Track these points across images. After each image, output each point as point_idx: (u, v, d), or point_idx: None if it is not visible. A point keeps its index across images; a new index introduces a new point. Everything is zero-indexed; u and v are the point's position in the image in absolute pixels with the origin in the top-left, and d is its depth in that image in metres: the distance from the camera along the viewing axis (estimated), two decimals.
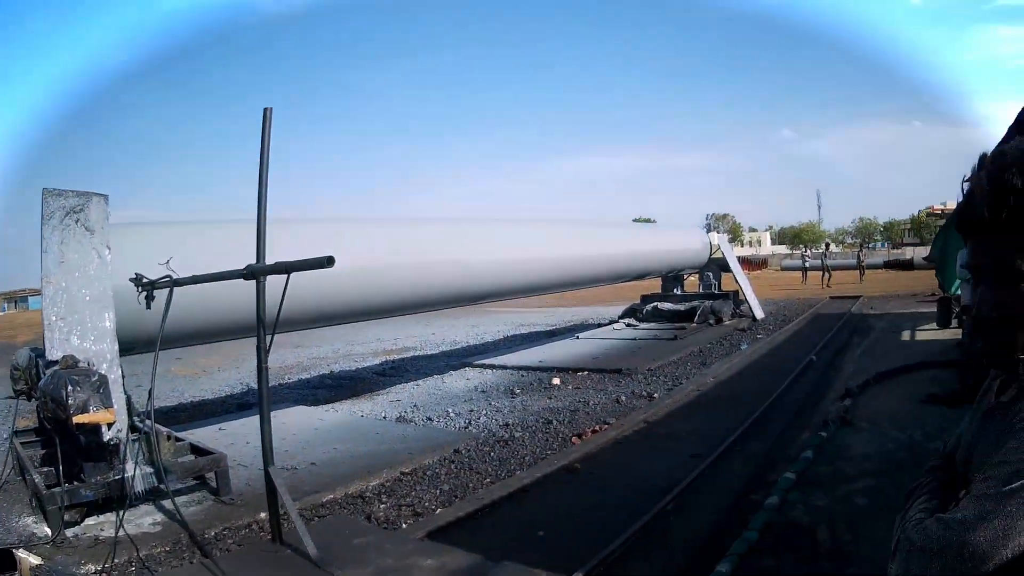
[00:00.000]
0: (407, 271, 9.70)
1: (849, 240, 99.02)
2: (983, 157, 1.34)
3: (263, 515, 5.57)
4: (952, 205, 14.81)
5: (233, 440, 8.18)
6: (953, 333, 13.81)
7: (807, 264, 41.02)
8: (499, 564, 4.77)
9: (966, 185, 1.36)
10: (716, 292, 20.59)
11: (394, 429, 8.91)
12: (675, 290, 20.99)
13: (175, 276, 5.42)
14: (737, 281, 20.41)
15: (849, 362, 12.30)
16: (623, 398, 10.20)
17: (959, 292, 12.72)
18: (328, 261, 4.38)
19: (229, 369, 14.83)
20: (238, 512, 5.95)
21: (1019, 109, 8.20)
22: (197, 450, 6.71)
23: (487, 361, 13.91)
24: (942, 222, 17.02)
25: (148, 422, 5.91)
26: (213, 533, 5.57)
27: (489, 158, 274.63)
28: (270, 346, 5.12)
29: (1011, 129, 8.37)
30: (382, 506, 6.18)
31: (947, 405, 8.09)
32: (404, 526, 5.67)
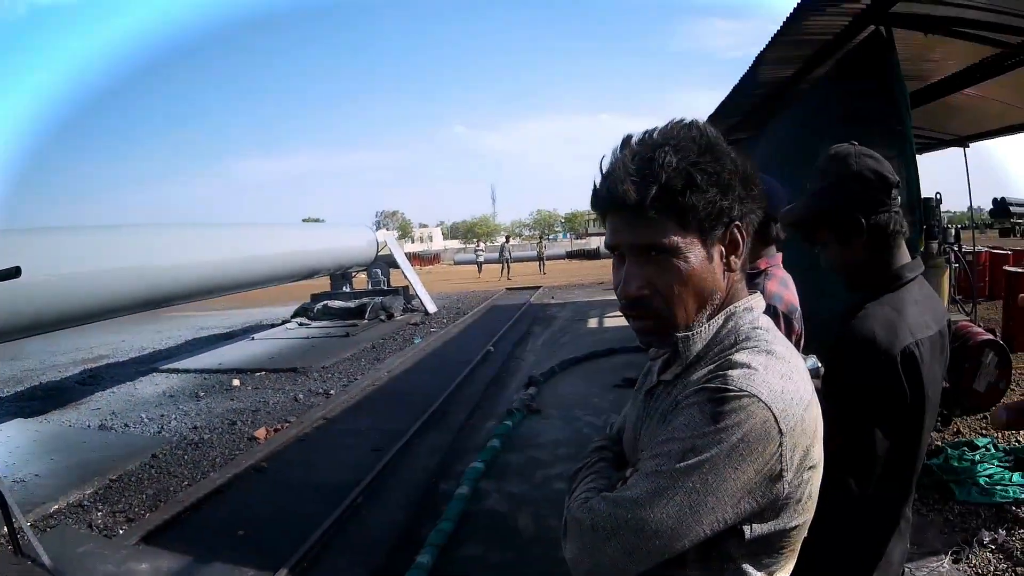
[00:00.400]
0: (97, 278, 9.51)
1: (527, 232, 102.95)
2: (627, 139, 1.36)
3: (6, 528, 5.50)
4: None
5: None
6: None
7: (480, 258, 40.48)
8: (209, 564, 4.93)
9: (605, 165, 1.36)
10: (386, 288, 20.76)
11: (98, 437, 8.83)
12: (344, 287, 20.84)
13: None
14: (406, 276, 20.62)
15: (530, 352, 12.62)
16: (301, 396, 10.24)
17: None
18: (16, 271, 4.62)
19: None
20: None
21: (722, 98, 8.69)
22: None
23: (172, 365, 13.58)
24: None
25: None
26: None
27: (176, 158, 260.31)
28: None
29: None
30: (99, 513, 6.17)
31: None
32: (120, 532, 5.71)
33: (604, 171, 1.34)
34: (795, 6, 5.05)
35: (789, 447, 1.20)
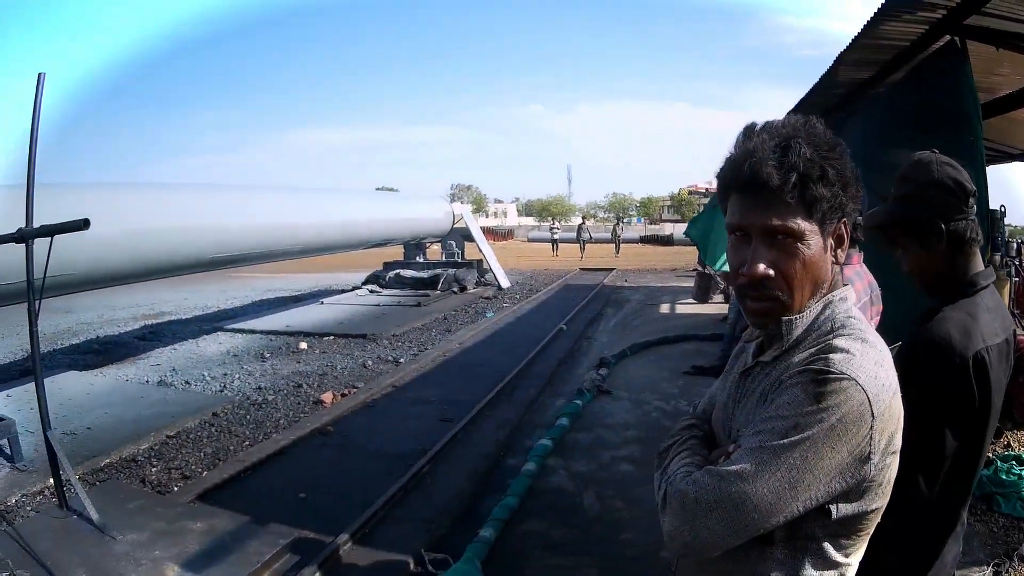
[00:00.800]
0: (165, 236, 9.51)
1: (602, 214, 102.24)
2: (752, 126, 1.41)
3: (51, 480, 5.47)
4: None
5: (20, 406, 7.71)
6: (717, 307, 14.00)
7: (556, 236, 39.65)
8: (266, 526, 4.83)
9: (735, 150, 1.41)
10: (460, 261, 20.66)
11: (156, 393, 8.71)
12: (417, 258, 20.83)
13: None
14: (481, 250, 20.49)
15: (602, 333, 12.45)
16: (369, 363, 10.17)
17: (724, 268, 12.88)
18: (85, 223, 4.62)
19: (10, 336, 13.75)
20: (31, 478, 5.83)
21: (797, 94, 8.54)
22: None
23: (238, 325, 13.64)
24: (705, 200, 17.57)
25: None
26: (13, 501, 5.48)
27: (232, 128, 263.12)
28: (39, 310, 5.09)
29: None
30: (154, 469, 6.13)
31: (713, 376, 8.21)
32: (175, 489, 5.65)
33: (741, 152, 1.38)
34: (875, 11, 4.95)
35: (878, 431, 1.27)
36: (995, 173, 13.36)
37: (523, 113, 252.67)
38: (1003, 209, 8.61)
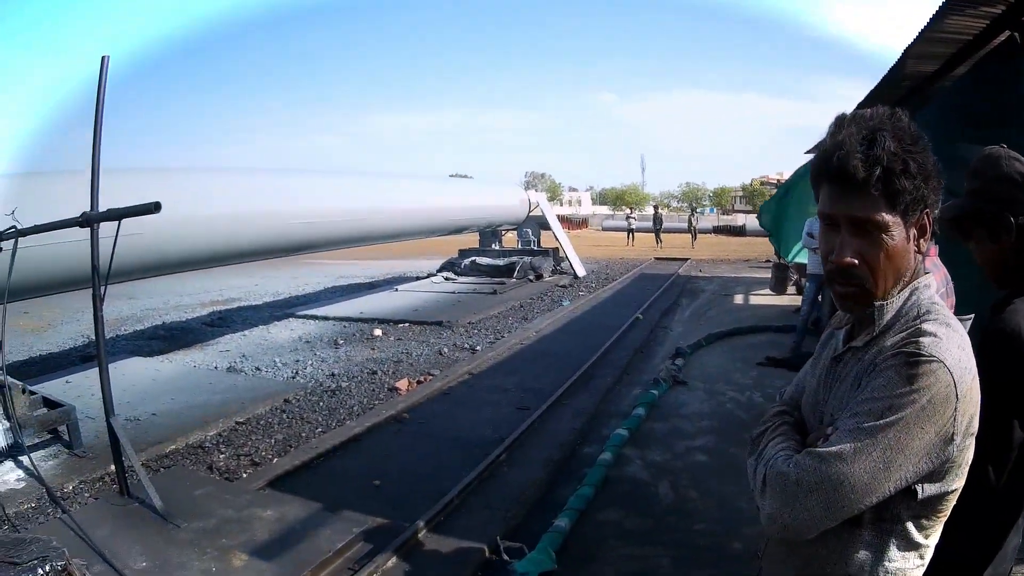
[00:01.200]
0: (236, 221, 9.54)
1: (675, 204, 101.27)
2: (843, 117, 1.45)
3: (113, 467, 5.37)
4: (787, 176, 15.27)
5: (80, 392, 7.79)
6: (790, 299, 14.07)
7: (633, 225, 38.66)
8: (338, 513, 4.81)
9: (826, 140, 1.45)
10: (535, 248, 20.73)
11: (226, 379, 8.77)
12: (493, 245, 20.98)
13: (20, 227, 5.12)
14: (557, 238, 20.48)
15: (678, 323, 12.42)
16: (445, 350, 10.23)
17: (797, 260, 12.87)
18: (155, 207, 4.47)
19: (70, 322, 14.11)
20: (90, 465, 5.87)
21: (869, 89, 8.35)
22: (49, 403, 6.45)
23: (310, 312, 13.82)
24: (775, 191, 17.43)
25: (2, 376, 5.54)
26: (71, 487, 5.52)
27: (304, 112, 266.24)
28: (104, 295, 5.01)
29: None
30: (222, 456, 6.18)
31: (786, 367, 8.23)
32: (244, 476, 5.67)
33: (831, 144, 1.42)
34: (939, 5, 4.95)
35: (962, 412, 1.32)
36: None
37: (595, 101, 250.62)
38: None
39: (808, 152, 14.72)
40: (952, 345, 1.35)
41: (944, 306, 1.47)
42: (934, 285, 1.53)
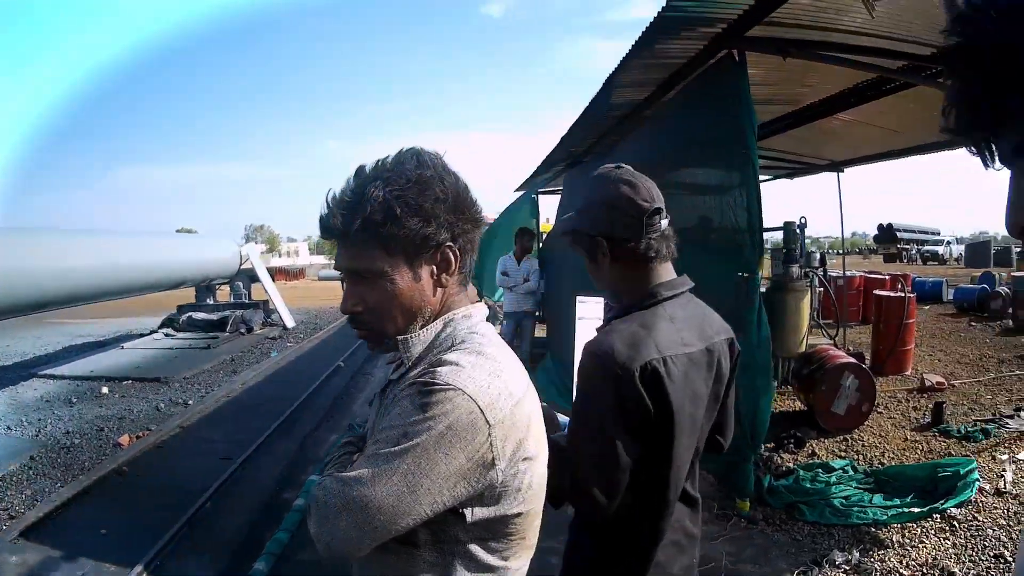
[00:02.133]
0: None
1: None
2: (358, 169, 1.50)
3: None
4: (491, 217, 15.69)
5: None
6: None
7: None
8: (74, 560, 5.43)
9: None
10: (247, 301, 21.24)
11: None
12: (208, 300, 21.45)
13: None
14: (267, 291, 21.11)
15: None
16: (162, 405, 10.88)
17: (500, 299, 13.39)
18: None
19: None
20: None
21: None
22: None
23: (50, 371, 14.02)
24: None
25: None
26: None
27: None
28: None
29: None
30: None
31: None
32: (3, 528, 6.11)
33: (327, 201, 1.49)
34: (646, 28, 4.76)
35: (500, 437, 1.35)
36: (802, 184, 14.05)
37: (320, 149, 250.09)
38: (803, 221, 9.18)
39: (517, 190, 16.23)
40: (478, 373, 1.37)
41: (487, 335, 1.53)
42: (478, 314, 1.59)
